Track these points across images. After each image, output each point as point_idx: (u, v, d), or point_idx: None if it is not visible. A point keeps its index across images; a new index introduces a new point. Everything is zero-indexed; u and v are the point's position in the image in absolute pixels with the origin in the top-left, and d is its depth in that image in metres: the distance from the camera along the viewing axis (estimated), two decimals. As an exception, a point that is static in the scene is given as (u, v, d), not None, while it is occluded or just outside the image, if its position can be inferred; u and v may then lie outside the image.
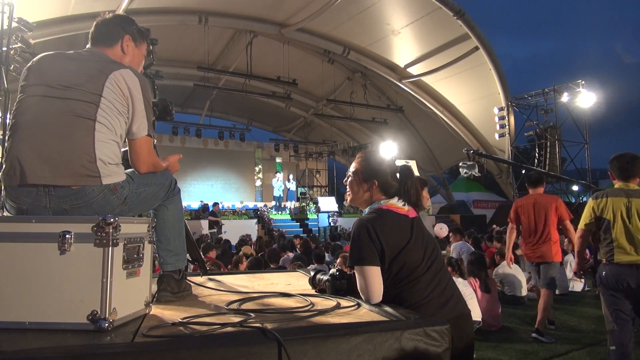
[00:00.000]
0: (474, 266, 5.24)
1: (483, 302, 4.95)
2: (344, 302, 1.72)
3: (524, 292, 6.33)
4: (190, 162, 19.54)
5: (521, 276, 6.30)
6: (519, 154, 18.76)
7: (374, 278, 1.66)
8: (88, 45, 1.77)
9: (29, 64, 1.66)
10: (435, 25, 14.80)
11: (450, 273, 4.85)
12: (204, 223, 14.24)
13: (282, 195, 19.42)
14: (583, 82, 15.15)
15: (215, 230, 13.77)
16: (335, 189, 22.60)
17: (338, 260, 5.08)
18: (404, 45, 16.26)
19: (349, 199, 1.94)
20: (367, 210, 1.85)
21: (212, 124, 19.81)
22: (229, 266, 5.95)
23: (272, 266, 5.80)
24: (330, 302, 1.72)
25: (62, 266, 1.35)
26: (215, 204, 15.28)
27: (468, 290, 4.71)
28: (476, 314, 4.64)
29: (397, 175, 1.88)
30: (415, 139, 21.86)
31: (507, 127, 16.50)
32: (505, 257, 6.43)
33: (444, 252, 7.21)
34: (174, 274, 1.89)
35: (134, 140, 1.69)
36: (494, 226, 14.00)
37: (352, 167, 1.94)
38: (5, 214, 1.63)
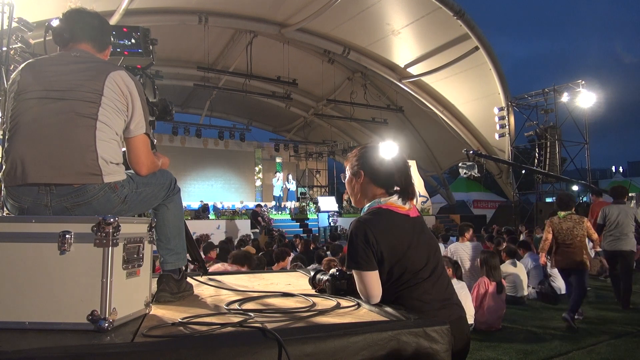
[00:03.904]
0: (489, 267, 5.19)
1: (490, 302, 4.94)
2: (344, 302, 1.72)
3: (525, 292, 6.32)
4: (190, 162, 19.55)
5: (523, 275, 6.29)
6: (519, 154, 18.75)
7: (371, 281, 1.65)
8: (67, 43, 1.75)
9: (14, 76, 1.64)
10: (435, 25, 14.80)
11: (450, 275, 4.86)
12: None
13: (282, 195, 19.42)
14: (583, 82, 15.15)
15: (257, 230, 14.02)
16: (335, 189, 22.62)
17: (324, 262, 5.00)
18: (404, 45, 16.26)
19: (345, 197, 1.96)
20: (366, 208, 1.80)
21: (212, 124, 19.82)
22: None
23: (275, 267, 5.78)
24: (330, 302, 1.72)
25: (62, 266, 1.35)
26: (258, 206, 15.89)
27: (464, 291, 4.71)
28: (469, 315, 4.63)
29: (391, 163, 1.81)
30: (415, 139, 21.86)
31: (507, 127, 16.50)
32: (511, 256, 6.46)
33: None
34: (174, 274, 1.89)
35: (131, 138, 1.69)
36: (494, 226, 14.02)
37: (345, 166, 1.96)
38: (6, 213, 1.63)
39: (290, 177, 19.87)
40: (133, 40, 2.20)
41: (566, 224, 5.38)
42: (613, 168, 37.75)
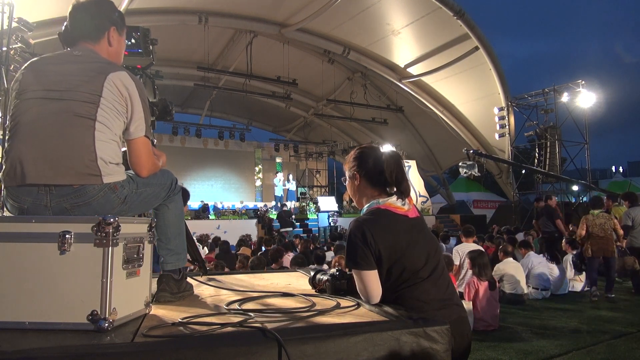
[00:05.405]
0: (479, 267, 5.19)
1: (484, 301, 4.95)
2: (343, 302, 1.72)
3: (525, 290, 6.32)
4: (190, 162, 19.55)
5: (521, 274, 6.29)
6: (519, 154, 18.75)
7: (370, 281, 1.66)
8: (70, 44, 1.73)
9: (17, 75, 1.63)
10: (435, 25, 14.80)
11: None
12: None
13: (283, 195, 19.43)
14: (583, 82, 15.15)
15: (290, 229, 14.26)
16: (335, 189, 22.60)
17: (334, 260, 5.05)
18: (404, 45, 16.26)
19: (345, 197, 1.96)
20: (365, 208, 1.81)
21: (212, 124, 19.83)
22: (238, 265, 5.99)
23: (274, 267, 5.80)
24: (330, 302, 1.72)
25: (62, 266, 1.35)
26: (284, 205, 16.36)
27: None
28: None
29: (383, 162, 1.79)
30: (415, 139, 21.86)
31: (507, 127, 16.51)
32: (508, 254, 6.47)
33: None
34: (174, 274, 1.89)
35: (132, 140, 1.68)
36: (494, 226, 14.01)
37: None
38: (6, 213, 1.63)
39: (290, 177, 19.89)
40: (133, 40, 2.20)
41: (599, 220, 6.60)
42: (613, 168, 37.70)
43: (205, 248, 9.73)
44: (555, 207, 9.08)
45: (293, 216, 15.13)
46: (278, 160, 22.75)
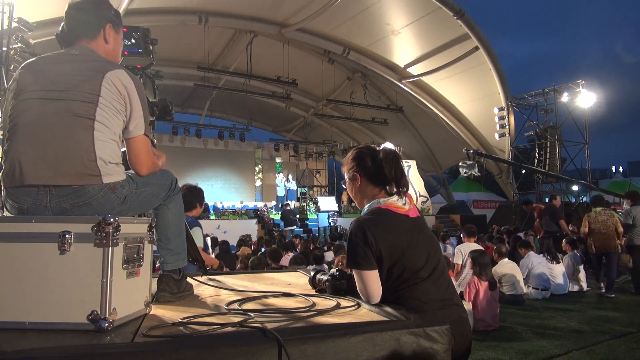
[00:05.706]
0: (480, 266, 5.20)
1: (484, 301, 4.95)
2: (344, 302, 1.72)
3: (524, 290, 6.32)
4: (190, 162, 19.55)
5: (518, 274, 6.29)
6: (519, 154, 18.75)
7: (371, 281, 1.66)
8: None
9: (15, 75, 1.63)
10: (435, 25, 14.80)
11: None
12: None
13: (285, 195, 19.44)
14: (583, 82, 15.16)
15: (294, 227, 14.29)
16: (335, 189, 22.60)
17: (336, 260, 5.07)
18: (404, 45, 16.27)
19: (344, 197, 1.96)
20: (366, 208, 1.81)
21: (212, 124, 19.84)
22: (239, 265, 5.99)
23: (272, 265, 5.81)
24: (330, 302, 1.72)
25: (62, 266, 1.35)
26: (287, 204, 16.43)
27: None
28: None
29: (381, 160, 1.79)
30: (415, 139, 21.86)
31: (507, 127, 16.51)
32: (502, 255, 6.47)
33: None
34: (174, 274, 1.89)
35: (131, 139, 1.68)
36: (494, 226, 14.01)
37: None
38: (6, 213, 1.63)
39: (290, 176, 19.89)
40: (133, 40, 2.20)
41: (601, 217, 6.98)
42: (613, 168, 37.73)
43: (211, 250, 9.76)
44: (558, 207, 9.10)
45: (297, 215, 15.16)
46: (278, 160, 22.75)
